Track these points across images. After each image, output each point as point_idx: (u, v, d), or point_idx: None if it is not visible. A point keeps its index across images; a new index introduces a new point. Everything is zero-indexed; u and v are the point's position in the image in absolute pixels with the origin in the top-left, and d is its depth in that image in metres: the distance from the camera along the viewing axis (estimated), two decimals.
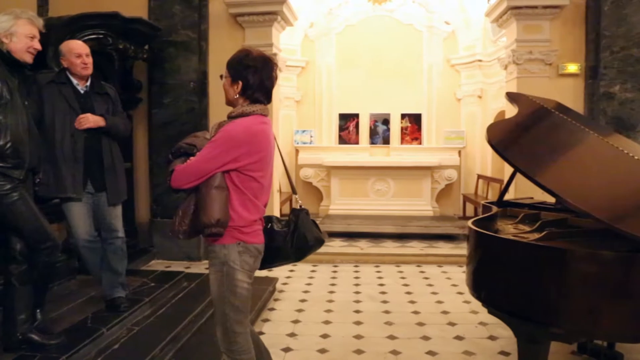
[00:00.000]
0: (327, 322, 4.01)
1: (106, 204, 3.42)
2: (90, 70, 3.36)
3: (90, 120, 3.25)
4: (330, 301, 4.56)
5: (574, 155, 2.86)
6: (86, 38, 4.59)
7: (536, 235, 2.36)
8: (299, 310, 4.29)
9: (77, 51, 3.28)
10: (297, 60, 9.17)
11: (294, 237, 2.24)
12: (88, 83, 3.39)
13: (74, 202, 3.29)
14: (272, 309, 4.29)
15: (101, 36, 4.88)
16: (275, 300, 4.57)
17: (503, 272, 2.13)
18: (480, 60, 8.83)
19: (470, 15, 8.81)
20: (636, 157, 2.85)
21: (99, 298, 3.60)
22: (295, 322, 4.01)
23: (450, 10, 9.06)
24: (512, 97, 3.38)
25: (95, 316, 3.32)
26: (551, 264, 1.97)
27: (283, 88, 8.26)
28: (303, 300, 4.57)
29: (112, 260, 3.46)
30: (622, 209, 2.22)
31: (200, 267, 5.58)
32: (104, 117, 3.35)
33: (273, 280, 4.79)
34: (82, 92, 3.35)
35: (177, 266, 5.53)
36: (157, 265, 5.67)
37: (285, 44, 8.24)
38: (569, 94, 5.86)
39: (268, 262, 2.28)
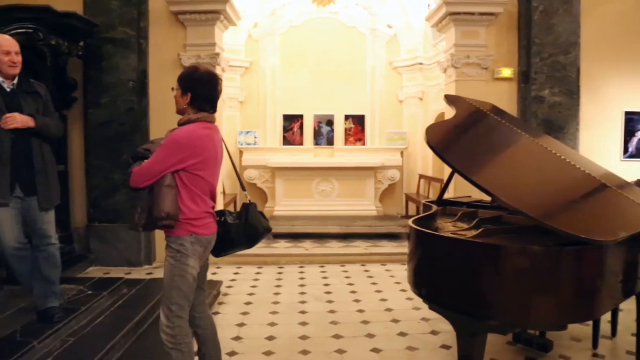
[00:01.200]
0: (272, 324, 3.99)
1: (37, 208, 3.23)
2: (18, 70, 3.17)
3: (17, 120, 3.06)
4: (276, 302, 4.54)
5: (508, 156, 3.00)
6: (14, 32, 4.33)
7: (473, 232, 2.45)
8: (244, 313, 4.24)
9: (5, 48, 3.09)
10: (241, 60, 9.08)
11: (246, 228, 2.58)
12: (15, 81, 3.20)
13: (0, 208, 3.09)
14: (216, 313, 4.21)
15: (31, 31, 4.63)
16: (220, 303, 4.50)
17: (442, 269, 2.20)
18: (421, 63, 9.09)
19: (411, 19, 9.06)
20: (563, 158, 3.04)
21: (30, 309, 3.39)
22: (241, 325, 3.97)
23: (392, 14, 9.27)
24: (450, 99, 3.49)
25: (26, 329, 3.12)
26: (486, 260, 2.06)
27: (226, 89, 8.12)
28: (248, 303, 4.52)
29: (45, 268, 3.27)
30: (550, 206, 2.35)
31: (141, 273, 5.40)
32: (33, 116, 3.16)
33: (217, 284, 4.71)
34: (8, 90, 3.16)
35: (117, 272, 5.32)
36: (95, 271, 5.43)
37: (229, 44, 8.13)
38: (503, 97, 6.15)
39: (223, 250, 2.62)
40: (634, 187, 3.39)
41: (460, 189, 5.07)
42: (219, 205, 6.16)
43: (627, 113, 6.45)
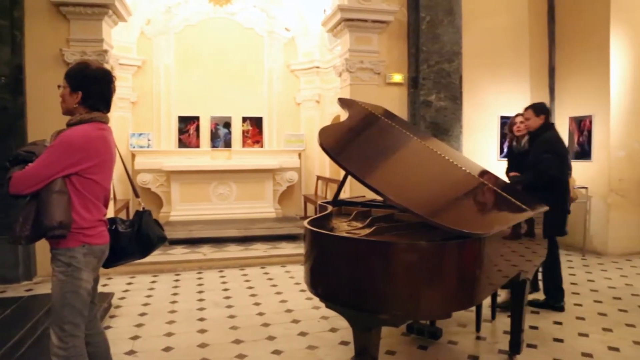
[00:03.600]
0: (169, 334, 3.82)
1: None
2: None
3: None
4: (173, 312, 4.36)
5: (398, 158, 3.16)
6: None
7: (367, 231, 2.54)
8: (139, 325, 4.02)
9: None
10: (133, 59, 8.64)
11: (139, 237, 2.44)
12: None
13: None
14: (107, 327, 3.93)
15: None
16: (111, 317, 4.21)
17: (336, 267, 2.26)
18: (318, 67, 9.30)
19: (308, 23, 9.22)
20: (448, 159, 3.27)
21: None
22: (135, 338, 3.75)
23: (290, 17, 9.36)
24: (344, 102, 3.60)
25: None
26: (377, 256, 2.14)
27: (117, 88, 7.65)
28: (143, 314, 4.29)
29: None
30: (435, 203, 2.52)
31: (19, 290, 4.91)
32: None
33: (108, 296, 4.42)
34: None
35: None
36: None
37: (119, 41, 7.71)
38: (395, 101, 6.48)
39: (114, 260, 2.45)
40: (508, 184, 3.74)
41: (356, 189, 5.24)
42: (110, 212, 5.81)
43: (502, 117, 7.12)
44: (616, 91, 6.57)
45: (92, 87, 2.29)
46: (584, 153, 6.87)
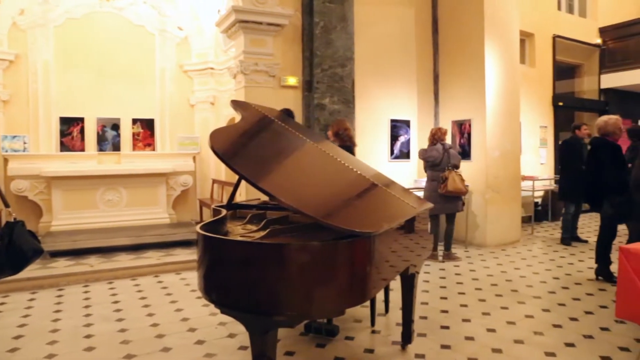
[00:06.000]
0: (50, 356, 3.49)
1: None
2: None
3: None
4: (55, 331, 4.00)
5: (292, 160, 3.19)
6: None
7: (261, 234, 2.54)
8: (12, 350, 3.61)
9: None
10: (3, 52, 7.87)
11: (9, 251, 2.24)
12: None
13: None
14: None
15: None
16: None
17: (230, 272, 2.22)
18: (212, 68, 9.13)
19: (203, 23, 9.01)
20: (340, 161, 3.36)
21: None
22: None
23: (183, 16, 9.09)
24: (237, 104, 3.55)
25: None
26: (271, 258, 2.14)
27: None
28: (18, 337, 3.87)
29: None
30: (327, 205, 2.57)
31: None
32: None
33: None
34: None
35: None
36: None
37: None
38: (290, 103, 6.53)
39: None
40: (397, 184, 3.94)
41: (252, 192, 5.22)
42: None
43: (392, 121, 7.49)
44: (491, 97, 7.21)
45: None
46: (465, 154, 7.45)
